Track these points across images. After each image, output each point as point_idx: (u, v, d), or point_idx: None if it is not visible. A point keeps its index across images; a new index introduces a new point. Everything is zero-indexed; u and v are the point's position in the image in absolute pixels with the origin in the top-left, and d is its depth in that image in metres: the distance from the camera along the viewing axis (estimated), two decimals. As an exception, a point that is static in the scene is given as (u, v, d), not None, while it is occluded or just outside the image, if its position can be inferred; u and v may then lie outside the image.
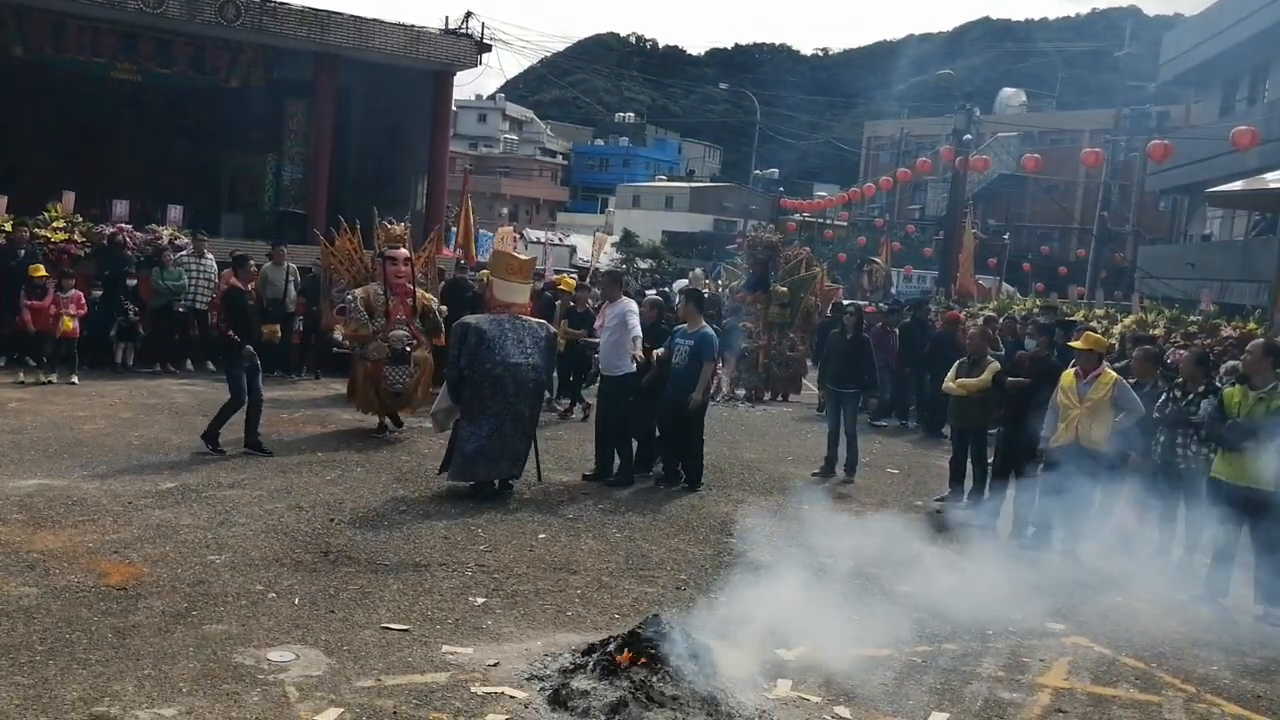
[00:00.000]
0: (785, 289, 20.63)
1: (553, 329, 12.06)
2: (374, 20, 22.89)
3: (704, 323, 12.43)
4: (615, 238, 62.24)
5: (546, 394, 16.80)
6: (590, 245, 34.91)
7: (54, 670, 6.05)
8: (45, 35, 21.10)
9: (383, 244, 14.18)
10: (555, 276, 21.65)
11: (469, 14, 25.10)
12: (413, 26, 23.62)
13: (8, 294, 16.55)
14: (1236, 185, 21.81)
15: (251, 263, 12.78)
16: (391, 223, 14.65)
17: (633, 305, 12.46)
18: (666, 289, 27.73)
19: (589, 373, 16.51)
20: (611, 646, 6.46)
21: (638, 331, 12.08)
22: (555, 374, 17.08)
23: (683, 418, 12.05)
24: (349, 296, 13.85)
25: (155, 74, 22.56)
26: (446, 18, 25.11)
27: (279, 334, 11.68)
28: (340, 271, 15.26)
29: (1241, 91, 36.37)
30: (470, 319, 11.41)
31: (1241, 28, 32.63)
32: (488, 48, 24.88)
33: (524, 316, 11.58)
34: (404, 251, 14.13)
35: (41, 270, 16.06)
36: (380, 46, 22.92)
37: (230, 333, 11.99)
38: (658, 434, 12.73)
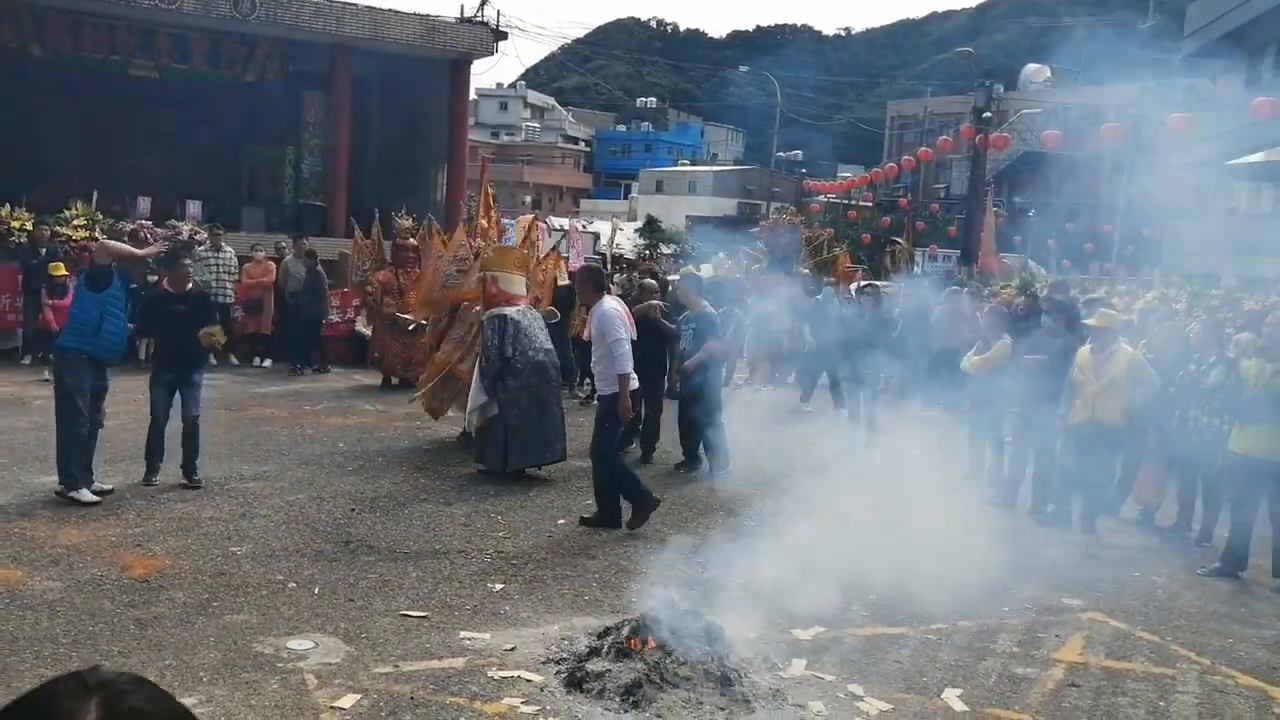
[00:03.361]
0: (808, 271, 20.63)
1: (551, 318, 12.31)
2: (389, 10, 22.93)
3: (704, 304, 12.51)
4: (638, 223, 62.21)
5: (568, 381, 17.01)
6: (610, 231, 34.81)
7: (77, 662, 6.13)
8: (62, 34, 21.24)
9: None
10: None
11: (484, 2, 25.12)
12: (428, 16, 23.69)
13: (30, 293, 16.73)
14: (1257, 156, 21.62)
15: (186, 262, 10.89)
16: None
17: (611, 307, 10.00)
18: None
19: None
20: (627, 629, 6.51)
21: (616, 335, 9.65)
22: (574, 361, 17.24)
23: (698, 399, 12.11)
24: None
25: (172, 70, 22.68)
26: (462, 6, 25.08)
27: (221, 339, 10.69)
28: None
29: (1268, 62, 36.00)
30: (504, 311, 11.52)
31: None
32: (504, 35, 24.86)
33: (530, 307, 11.85)
34: None
35: (62, 269, 16.19)
36: (396, 37, 22.96)
37: (132, 325, 10.48)
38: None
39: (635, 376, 9.85)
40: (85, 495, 9.37)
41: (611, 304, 9.90)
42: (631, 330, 10.07)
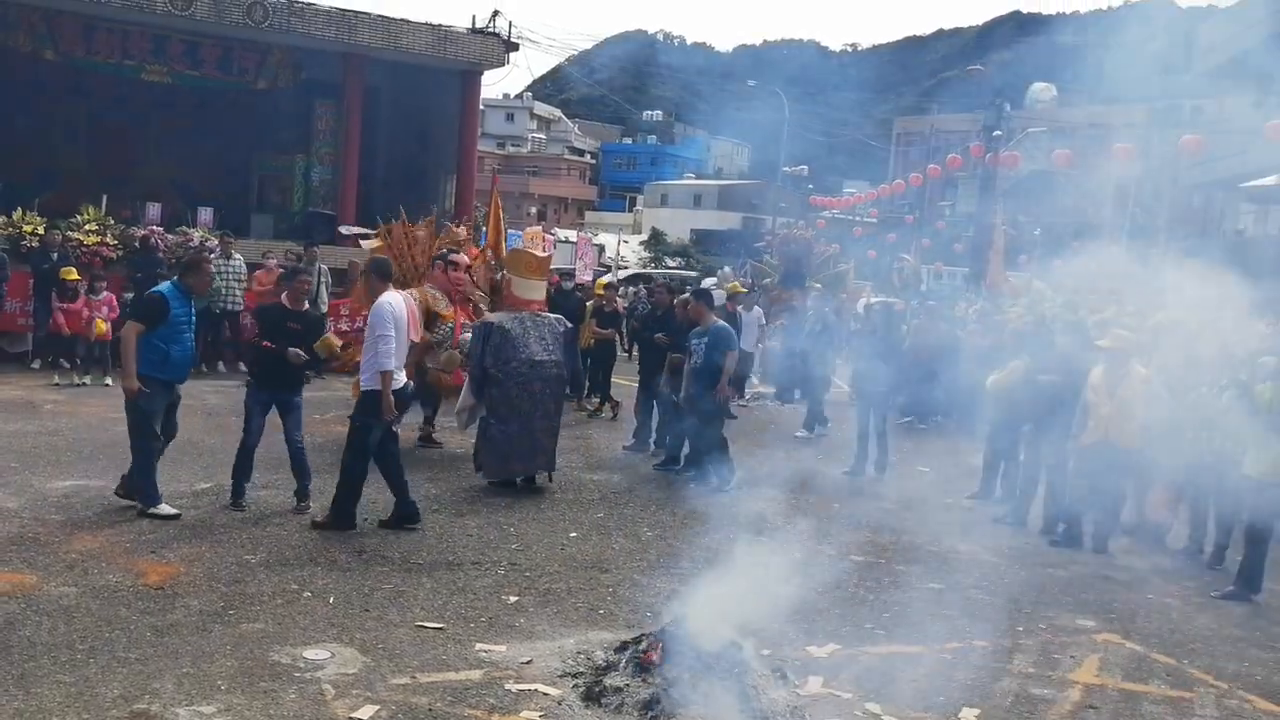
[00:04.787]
0: (820, 285, 20.63)
1: (569, 324, 12.13)
2: (401, 20, 22.93)
3: (715, 319, 12.46)
4: (643, 236, 62.34)
5: (577, 392, 16.96)
6: (614, 244, 34.85)
7: (95, 669, 6.14)
8: (76, 38, 21.26)
9: (444, 246, 13.56)
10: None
11: (496, 13, 25.09)
12: (440, 26, 23.65)
13: (41, 297, 16.75)
14: (1269, 180, 21.67)
15: (305, 277, 10.95)
16: (457, 225, 14.49)
17: (387, 302, 9.42)
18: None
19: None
20: (644, 644, 6.50)
21: (383, 330, 9.21)
22: (585, 372, 17.21)
23: (705, 413, 12.11)
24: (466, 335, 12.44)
25: (184, 76, 22.67)
26: (474, 17, 25.06)
27: (337, 345, 10.07)
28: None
29: (1277, 84, 35.98)
30: (493, 317, 11.54)
31: (1277, 20, 32.29)
32: (515, 46, 24.86)
33: (542, 313, 11.73)
34: (465, 258, 13.08)
35: (74, 274, 16.23)
36: (408, 46, 22.97)
37: (266, 344, 9.94)
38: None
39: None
40: (165, 509, 9.31)
41: (392, 298, 9.45)
42: (416, 330, 9.90)
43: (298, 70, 23.63)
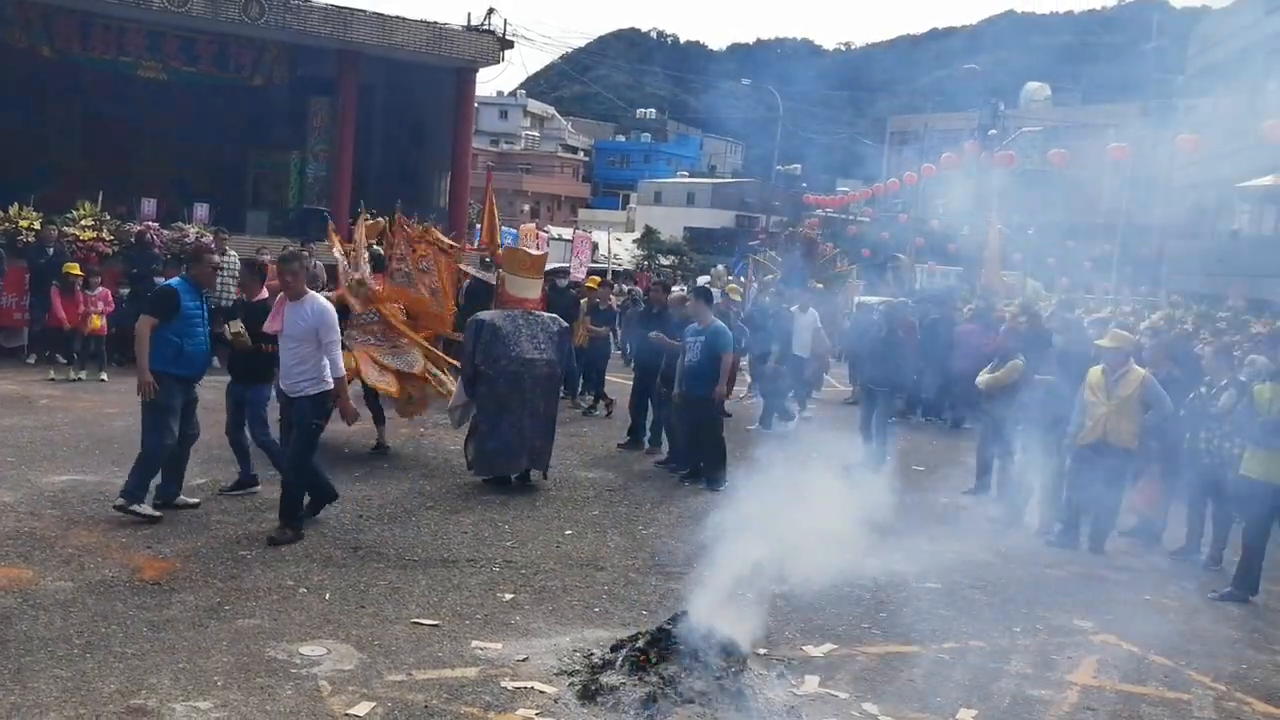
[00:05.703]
0: (822, 284, 20.60)
1: (564, 323, 12.09)
2: (397, 17, 22.91)
3: (714, 318, 12.41)
4: (636, 234, 62.24)
5: (571, 390, 16.92)
6: (606, 241, 34.77)
7: (91, 663, 6.12)
8: (72, 35, 21.26)
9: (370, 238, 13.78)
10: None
11: (491, 10, 25.06)
12: (435, 23, 23.63)
13: (37, 292, 16.70)
14: (1266, 179, 21.71)
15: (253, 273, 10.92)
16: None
17: (320, 307, 9.24)
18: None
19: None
20: (640, 642, 6.49)
21: (336, 336, 9.22)
22: (580, 370, 17.16)
23: (699, 415, 12.07)
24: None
25: (180, 72, 22.69)
26: (469, 14, 25.03)
27: (235, 330, 10.03)
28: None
29: (1271, 84, 36.06)
30: (484, 315, 11.52)
31: (1271, 20, 32.37)
32: (510, 44, 24.83)
33: (536, 311, 11.70)
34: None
35: (77, 268, 16.19)
36: (403, 44, 22.95)
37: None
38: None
39: None
40: (145, 509, 9.22)
41: (326, 299, 9.53)
42: None
43: (293, 67, 23.64)
